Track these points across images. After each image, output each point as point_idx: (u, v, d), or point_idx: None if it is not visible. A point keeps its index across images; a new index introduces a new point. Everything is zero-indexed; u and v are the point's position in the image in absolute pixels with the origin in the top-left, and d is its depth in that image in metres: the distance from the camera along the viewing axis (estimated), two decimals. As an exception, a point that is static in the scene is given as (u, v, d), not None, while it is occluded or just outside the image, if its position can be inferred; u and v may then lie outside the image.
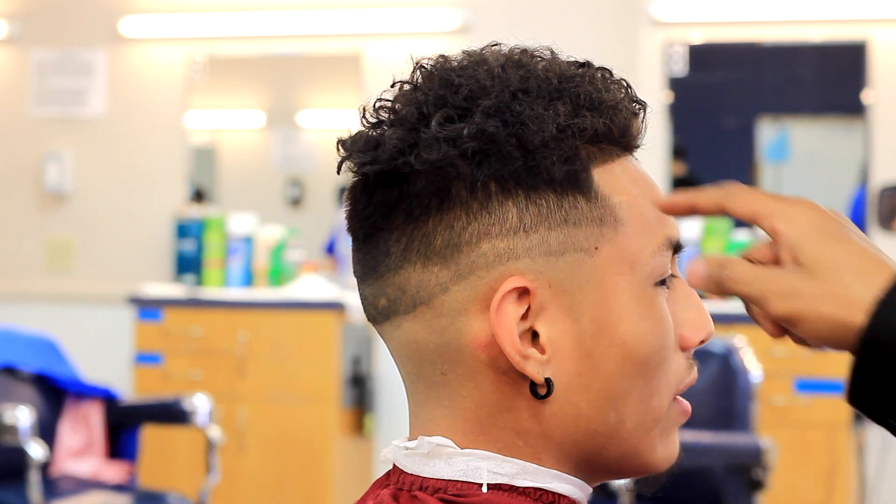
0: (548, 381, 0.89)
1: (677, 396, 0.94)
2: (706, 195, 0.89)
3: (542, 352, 0.89)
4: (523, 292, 0.88)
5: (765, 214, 0.86)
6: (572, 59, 0.94)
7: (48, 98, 5.71)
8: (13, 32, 5.74)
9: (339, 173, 0.94)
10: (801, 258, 0.85)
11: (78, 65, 5.68)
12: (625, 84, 0.94)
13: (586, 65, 0.93)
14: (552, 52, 0.94)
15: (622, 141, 0.93)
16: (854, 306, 0.83)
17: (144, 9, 5.63)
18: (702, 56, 5.29)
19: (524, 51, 0.93)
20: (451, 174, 0.89)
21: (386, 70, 0.95)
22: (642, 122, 0.94)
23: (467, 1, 5.35)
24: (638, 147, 0.95)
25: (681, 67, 5.23)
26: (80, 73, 5.68)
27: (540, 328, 0.89)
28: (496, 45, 0.94)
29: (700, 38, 5.28)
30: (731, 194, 0.88)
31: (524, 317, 0.88)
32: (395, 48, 5.39)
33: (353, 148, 0.92)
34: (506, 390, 0.90)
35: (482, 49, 0.94)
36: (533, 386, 0.89)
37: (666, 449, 0.94)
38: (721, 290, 0.87)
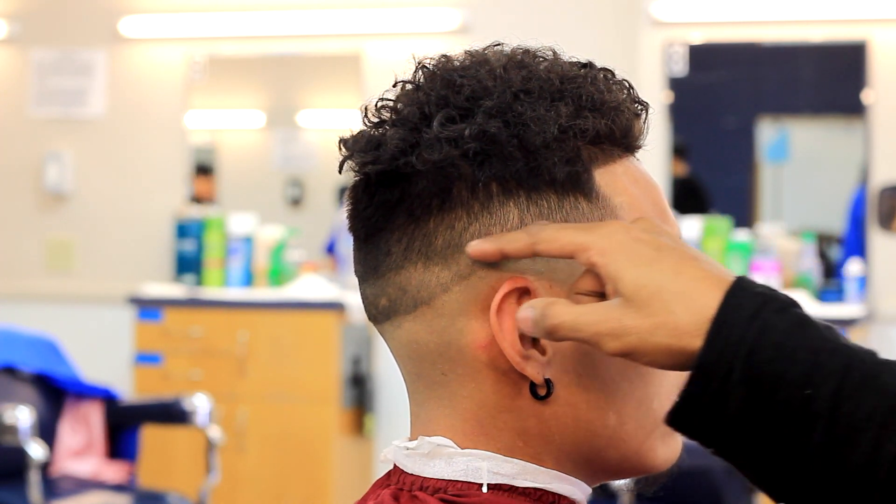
0: (548, 382, 0.89)
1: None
2: (514, 240, 0.87)
3: (543, 353, 0.89)
4: (524, 292, 0.88)
5: (577, 250, 0.85)
6: (574, 60, 0.93)
7: (48, 98, 5.71)
8: (13, 32, 5.74)
9: (340, 173, 0.94)
10: (623, 290, 0.84)
11: (78, 65, 5.68)
12: (627, 85, 0.93)
13: (588, 65, 0.93)
14: (554, 53, 0.94)
15: (624, 142, 0.93)
16: (685, 333, 0.82)
17: (144, 9, 5.63)
18: (702, 56, 5.29)
19: (526, 51, 0.93)
20: (452, 174, 0.89)
21: (386, 70, 0.95)
22: (644, 122, 0.94)
23: (467, 1, 5.35)
24: (640, 148, 0.95)
25: (681, 67, 5.23)
26: (80, 73, 5.68)
27: (540, 328, 0.89)
28: (498, 45, 0.94)
29: (700, 38, 5.28)
30: (537, 235, 0.87)
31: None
32: (395, 48, 5.39)
33: (354, 147, 0.92)
34: (506, 391, 0.90)
35: (484, 49, 0.94)
36: (533, 387, 0.89)
37: (667, 450, 0.94)
38: (552, 338, 0.86)
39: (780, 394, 0.80)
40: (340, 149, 0.93)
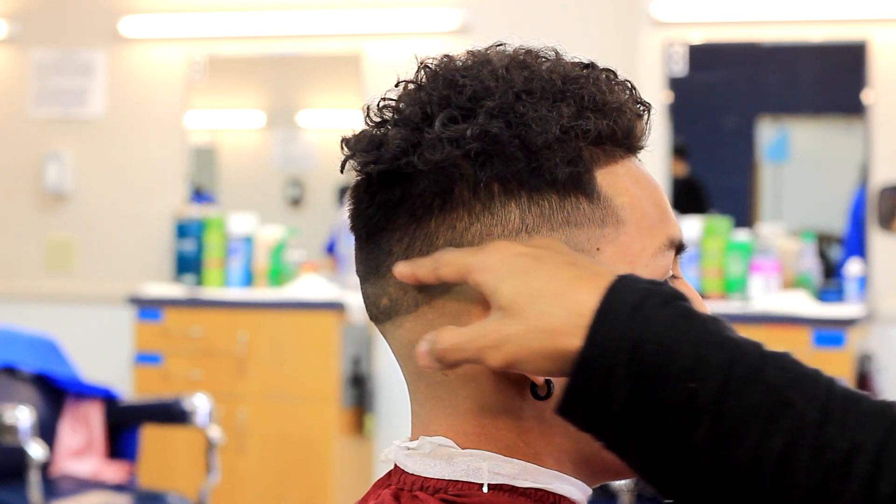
0: (548, 382, 0.89)
1: None
2: (422, 265, 0.87)
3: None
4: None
5: (466, 272, 0.85)
6: (577, 60, 0.94)
7: (48, 98, 5.71)
8: (13, 32, 5.74)
9: (342, 172, 0.94)
10: (502, 302, 0.83)
11: (78, 65, 5.68)
12: (629, 85, 0.94)
13: (591, 66, 0.93)
14: (557, 53, 0.94)
15: (626, 142, 0.93)
16: (560, 333, 0.82)
17: (144, 9, 5.63)
18: (702, 56, 5.29)
19: (528, 51, 0.93)
20: (454, 175, 0.89)
21: (386, 70, 0.94)
22: (646, 123, 0.94)
23: (467, 1, 5.35)
24: (642, 148, 0.95)
25: (681, 67, 5.23)
26: (80, 73, 5.68)
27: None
28: (501, 45, 0.94)
29: (700, 38, 5.28)
30: (438, 261, 0.87)
31: None
32: (395, 48, 5.39)
33: (356, 147, 0.92)
34: (507, 391, 0.90)
35: (486, 49, 0.94)
36: (533, 387, 0.89)
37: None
38: (447, 364, 0.85)
39: (665, 388, 0.79)
40: (342, 148, 0.93)
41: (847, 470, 0.78)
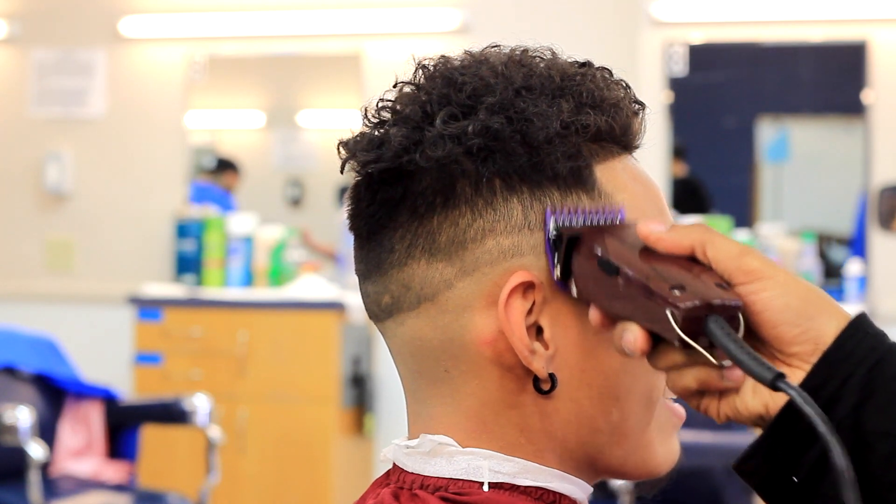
0: (552, 377, 0.89)
1: (671, 402, 0.95)
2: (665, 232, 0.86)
3: (546, 347, 0.89)
4: (528, 287, 0.88)
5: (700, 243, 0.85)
6: (573, 59, 0.94)
7: (48, 98, 5.71)
8: (13, 32, 5.74)
9: (342, 173, 0.94)
10: (753, 266, 0.83)
11: (78, 65, 5.68)
12: (624, 84, 0.94)
13: (587, 64, 0.94)
14: (553, 52, 0.94)
15: (623, 139, 0.93)
16: (820, 299, 0.82)
17: (144, 9, 5.63)
18: (702, 56, 5.29)
19: (525, 50, 0.94)
20: (455, 171, 0.89)
21: (386, 70, 0.95)
22: (642, 121, 0.95)
23: (467, 1, 5.35)
24: (638, 147, 0.95)
25: (681, 67, 5.23)
26: (80, 73, 5.68)
27: (544, 323, 0.89)
28: (496, 46, 0.95)
29: (700, 38, 5.28)
30: (676, 230, 0.86)
31: (529, 312, 0.89)
32: (395, 48, 5.39)
33: (356, 147, 0.92)
34: (510, 387, 0.90)
35: (482, 50, 0.95)
36: (537, 382, 0.89)
37: (666, 451, 0.94)
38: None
39: (891, 411, 0.79)
40: (339, 151, 0.93)
41: None
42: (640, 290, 0.82)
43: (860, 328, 0.81)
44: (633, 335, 0.83)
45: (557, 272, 0.88)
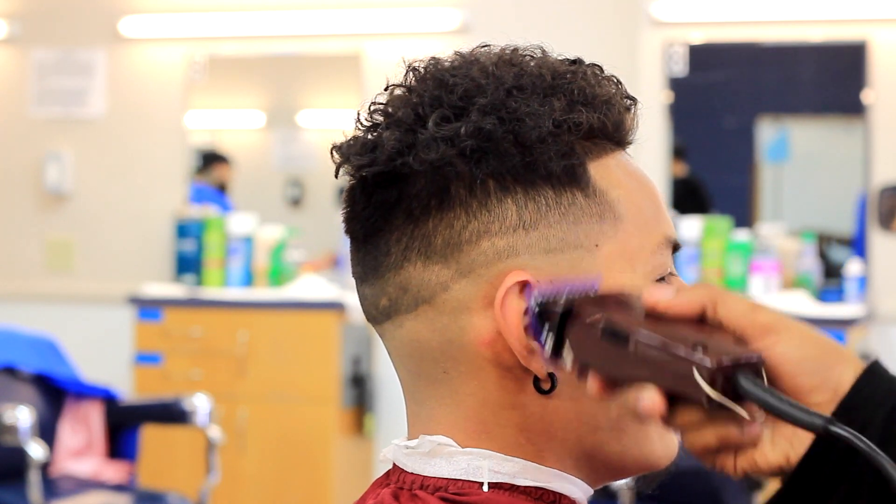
0: (551, 376, 0.89)
1: None
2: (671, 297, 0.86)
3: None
4: (524, 286, 0.88)
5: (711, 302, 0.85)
6: (563, 58, 0.94)
7: (48, 98, 5.71)
8: (13, 32, 5.74)
9: (336, 177, 0.94)
10: (766, 320, 0.84)
11: (78, 65, 5.68)
12: (615, 80, 0.94)
13: (578, 62, 0.94)
14: (543, 51, 0.94)
15: (616, 136, 0.93)
16: (833, 351, 0.83)
17: (144, 9, 5.63)
18: (702, 56, 5.29)
19: (515, 49, 0.94)
20: (449, 173, 0.89)
21: (386, 70, 0.94)
22: (634, 117, 0.95)
23: (467, 1, 5.35)
24: (631, 142, 0.95)
25: (681, 67, 5.23)
26: (80, 73, 5.68)
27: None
28: (486, 46, 0.95)
29: (700, 38, 5.28)
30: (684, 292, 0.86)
31: (526, 311, 0.88)
32: (395, 48, 5.39)
33: (349, 151, 0.93)
34: (509, 387, 0.90)
35: (472, 50, 0.94)
36: (536, 381, 0.89)
37: (665, 444, 0.94)
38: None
39: None
40: (332, 155, 0.93)
41: None
42: (658, 353, 0.82)
43: (876, 374, 0.82)
44: (651, 398, 0.82)
45: (549, 348, 0.87)
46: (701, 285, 0.86)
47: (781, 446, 0.83)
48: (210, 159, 5.91)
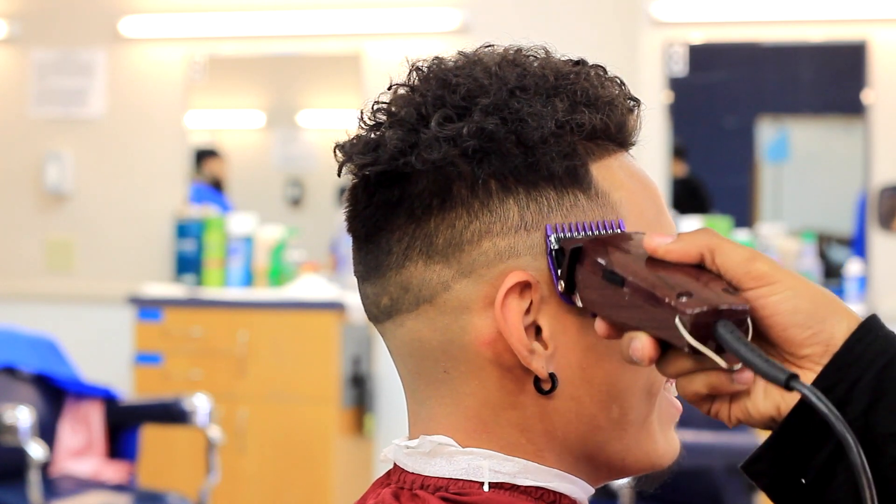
0: (552, 376, 0.89)
1: (671, 395, 0.95)
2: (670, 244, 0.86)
3: (545, 346, 0.89)
4: (525, 287, 0.88)
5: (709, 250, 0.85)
6: (566, 58, 0.94)
7: (48, 98, 5.71)
8: (13, 32, 5.74)
9: (339, 176, 0.94)
10: (762, 270, 0.84)
11: (78, 65, 5.68)
12: (619, 81, 0.94)
13: (581, 63, 0.94)
14: (546, 51, 0.94)
15: (619, 137, 0.93)
16: (829, 301, 0.84)
17: (144, 9, 5.63)
18: (702, 56, 5.29)
19: (518, 50, 0.94)
20: (451, 173, 0.89)
21: (386, 70, 0.94)
22: (637, 118, 0.95)
23: (467, 1, 5.35)
24: (634, 144, 0.95)
25: (681, 67, 5.23)
26: (80, 73, 5.68)
27: (542, 323, 0.89)
28: (489, 46, 0.95)
29: (700, 38, 5.28)
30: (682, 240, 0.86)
31: (527, 311, 0.89)
32: (395, 48, 5.39)
33: (352, 150, 0.93)
34: (510, 387, 0.90)
35: (476, 50, 0.94)
36: (537, 382, 0.89)
37: (668, 443, 0.94)
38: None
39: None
40: (335, 154, 0.93)
41: None
42: (647, 299, 0.83)
43: (871, 330, 0.82)
44: (642, 344, 0.83)
45: (561, 285, 0.88)
46: (702, 231, 0.85)
47: (773, 397, 0.83)
48: (201, 155, 5.91)
